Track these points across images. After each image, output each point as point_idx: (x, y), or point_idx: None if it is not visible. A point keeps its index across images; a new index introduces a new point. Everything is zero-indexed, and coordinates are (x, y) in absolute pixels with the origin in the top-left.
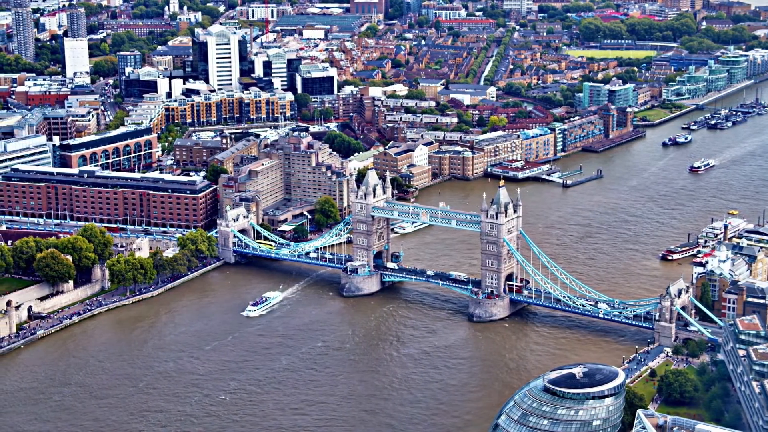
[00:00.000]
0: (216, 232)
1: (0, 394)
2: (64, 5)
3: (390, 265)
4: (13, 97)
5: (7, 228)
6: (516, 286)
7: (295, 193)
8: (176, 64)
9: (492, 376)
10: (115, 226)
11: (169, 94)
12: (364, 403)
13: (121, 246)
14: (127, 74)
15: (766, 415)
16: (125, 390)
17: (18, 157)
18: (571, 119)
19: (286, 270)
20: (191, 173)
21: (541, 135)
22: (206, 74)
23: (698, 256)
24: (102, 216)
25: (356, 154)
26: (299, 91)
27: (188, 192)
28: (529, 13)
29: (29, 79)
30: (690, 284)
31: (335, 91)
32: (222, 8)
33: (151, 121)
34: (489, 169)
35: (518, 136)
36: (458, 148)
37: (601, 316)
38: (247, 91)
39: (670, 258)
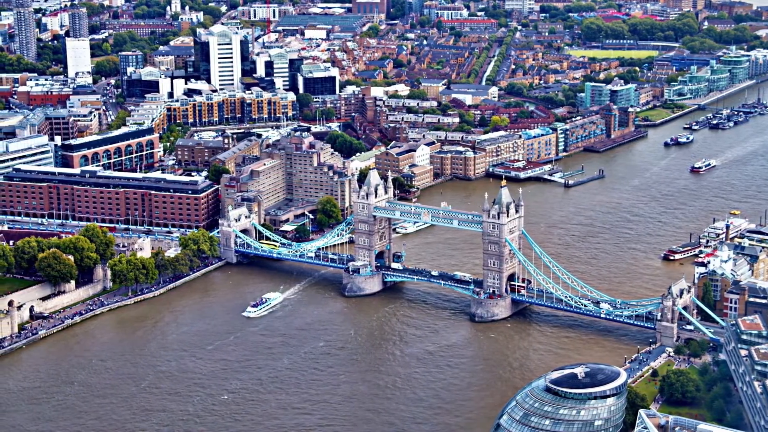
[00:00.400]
0: (218, 232)
1: (2, 394)
2: (65, 5)
3: (395, 265)
4: (15, 97)
5: (9, 228)
6: (519, 286)
7: (297, 193)
8: (178, 64)
9: (494, 376)
10: (111, 225)
11: (170, 94)
12: (366, 403)
13: (123, 246)
14: (128, 74)
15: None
16: (128, 389)
17: (20, 157)
18: (573, 119)
19: (287, 270)
20: (193, 173)
21: (542, 135)
22: (208, 74)
23: (700, 256)
24: (104, 216)
25: (358, 154)
26: (301, 91)
27: (190, 192)
28: (531, 13)
29: (31, 79)
30: (692, 284)
31: (337, 91)
32: (224, 8)
33: (152, 121)
34: (491, 169)
35: (520, 136)
36: (460, 148)
37: (602, 316)
38: (249, 91)
39: (671, 258)
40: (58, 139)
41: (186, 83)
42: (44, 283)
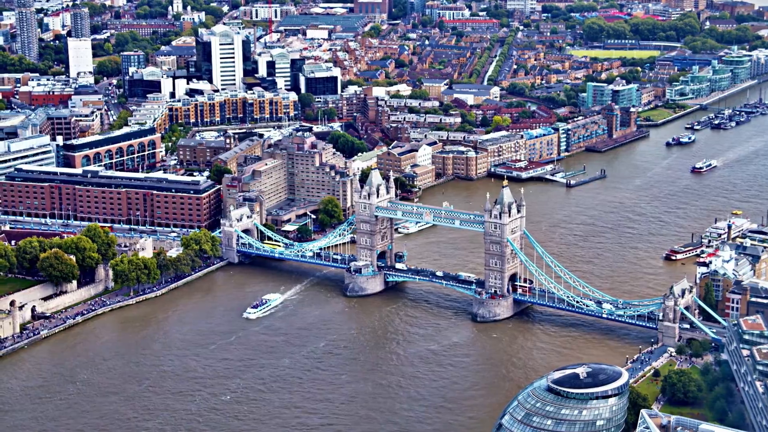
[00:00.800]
0: (219, 232)
1: (5, 393)
2: (67, 5)
3: (399, 266)
4: (17, 97)
5: (11, 228)
6: (522, 286)
7: (299, 193)
8: (180, 64)
9: (496, 376)
10: (109, 225)
11: (172, 94)
12: (369, 402)
13: (125, 246)
14: (130, 74)
15: None
16: (131, 388)
17: (22, 157)
18: (575, 119)
19: (289, 270)
20: (195, 173)
21: (544, 135)
22: (210, 74)
23: (702, 256)
24: (106, 216)
25: (360, 154)
26: (303, 91)
27: (192, 192)
28: (533, 13)
29: (33, 79)
30: (693, 284)
31: (339, 91)
32: (225, 8)
33: (154, 121)
34: (492, 169)
35: (522, 136)
36: (462, 148)
37: (604, 316)
38: (251, 91)
39: (673, 258)
40: (59, 139)
41: (188, 83)
42: (46, 283)
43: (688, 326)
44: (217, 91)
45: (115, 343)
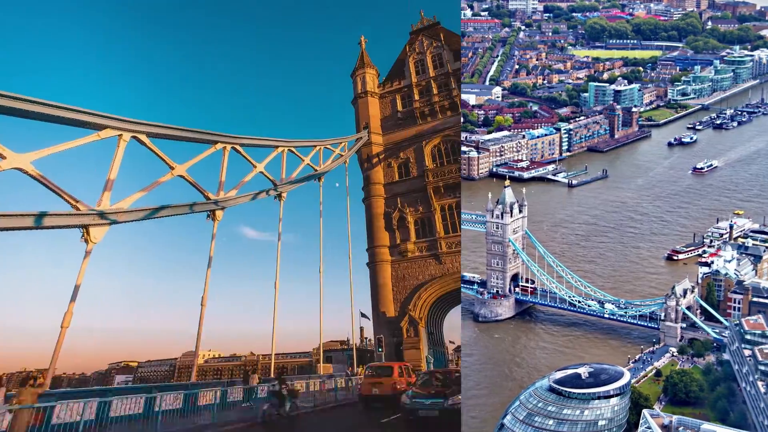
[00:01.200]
0: None
1: None
2: None
3: None
4: None
5: None
6: (524, 286)
7: None
8: None
9: (498, 375)
10: None
11: None
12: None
13: None
14: None
15: None
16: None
17: None
18: (577, 119)
19: None
20: None
21: (546, 135)
22: None
23: (703, 255)
24: None
25: None
26: None
27: None
28: (535, 13)
29: None
30: (695, 284)
31: None
32: None
33: None
34: (494, 169)
35: (524, 136)
36: (464, 148)
37: (606, 316)
38: None
39: (675, 258)
40: None
41: None
42: None
43: (686, 326)
44: None
45: None
